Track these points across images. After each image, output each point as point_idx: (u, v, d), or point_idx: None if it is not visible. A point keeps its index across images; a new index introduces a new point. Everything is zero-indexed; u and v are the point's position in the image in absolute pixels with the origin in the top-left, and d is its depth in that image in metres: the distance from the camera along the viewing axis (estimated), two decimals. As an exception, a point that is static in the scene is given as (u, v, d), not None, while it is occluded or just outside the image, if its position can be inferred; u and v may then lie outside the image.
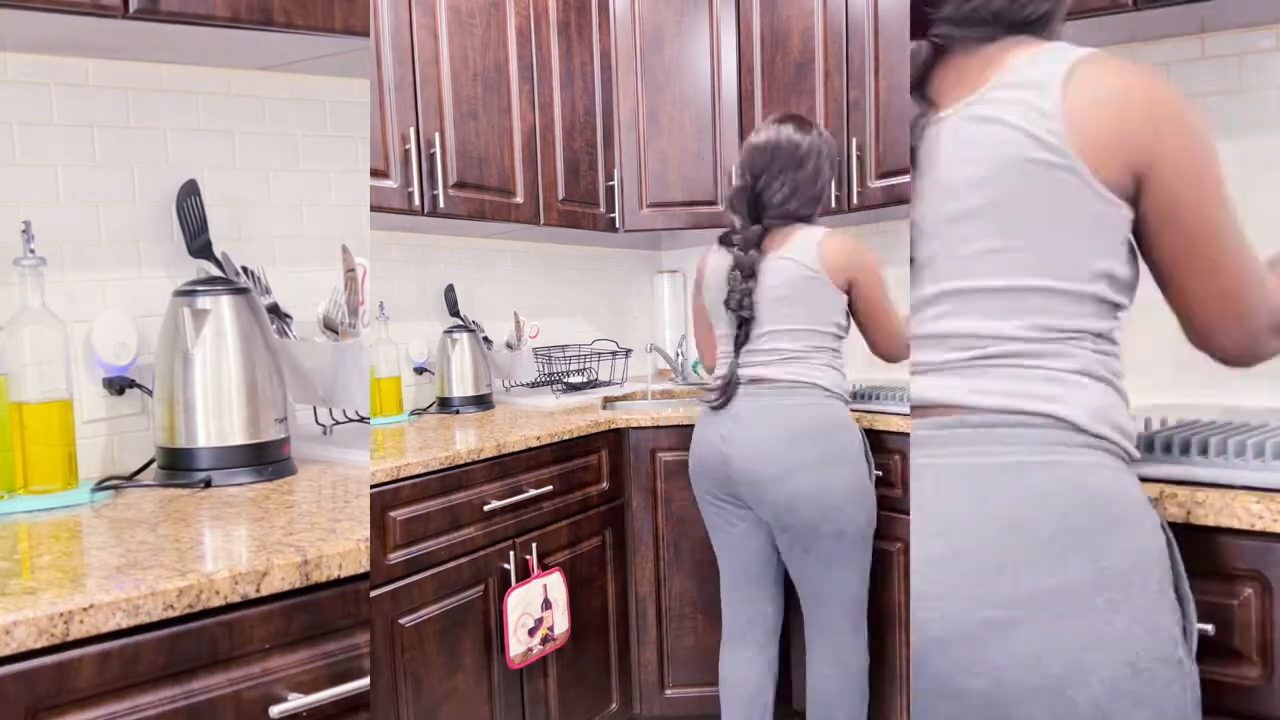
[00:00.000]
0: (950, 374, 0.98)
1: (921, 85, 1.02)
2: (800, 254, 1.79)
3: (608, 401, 2.60)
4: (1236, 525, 1.08)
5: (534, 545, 1.92)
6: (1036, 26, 1.09)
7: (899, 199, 2.31)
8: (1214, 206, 1.02)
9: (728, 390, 1.82)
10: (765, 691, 1.95)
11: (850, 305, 1.85)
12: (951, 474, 0.94)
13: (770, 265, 1.80)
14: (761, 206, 1.84)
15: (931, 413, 0.98)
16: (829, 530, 1.76)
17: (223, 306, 1.44)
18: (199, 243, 1.60)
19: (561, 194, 2.50)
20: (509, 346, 2.64)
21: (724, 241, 1.90)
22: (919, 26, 1.05)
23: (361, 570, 1.07)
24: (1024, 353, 0.97)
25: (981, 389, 0.96)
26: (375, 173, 1.96)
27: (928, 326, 1.00)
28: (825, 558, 1.79)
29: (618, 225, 2.70)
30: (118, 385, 1.55)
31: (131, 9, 1.29)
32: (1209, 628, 1.10)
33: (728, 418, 1.82)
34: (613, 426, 2.21)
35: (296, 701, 1.00)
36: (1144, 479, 1.20)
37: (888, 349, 1.90)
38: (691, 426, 2.26)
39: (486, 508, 1.80)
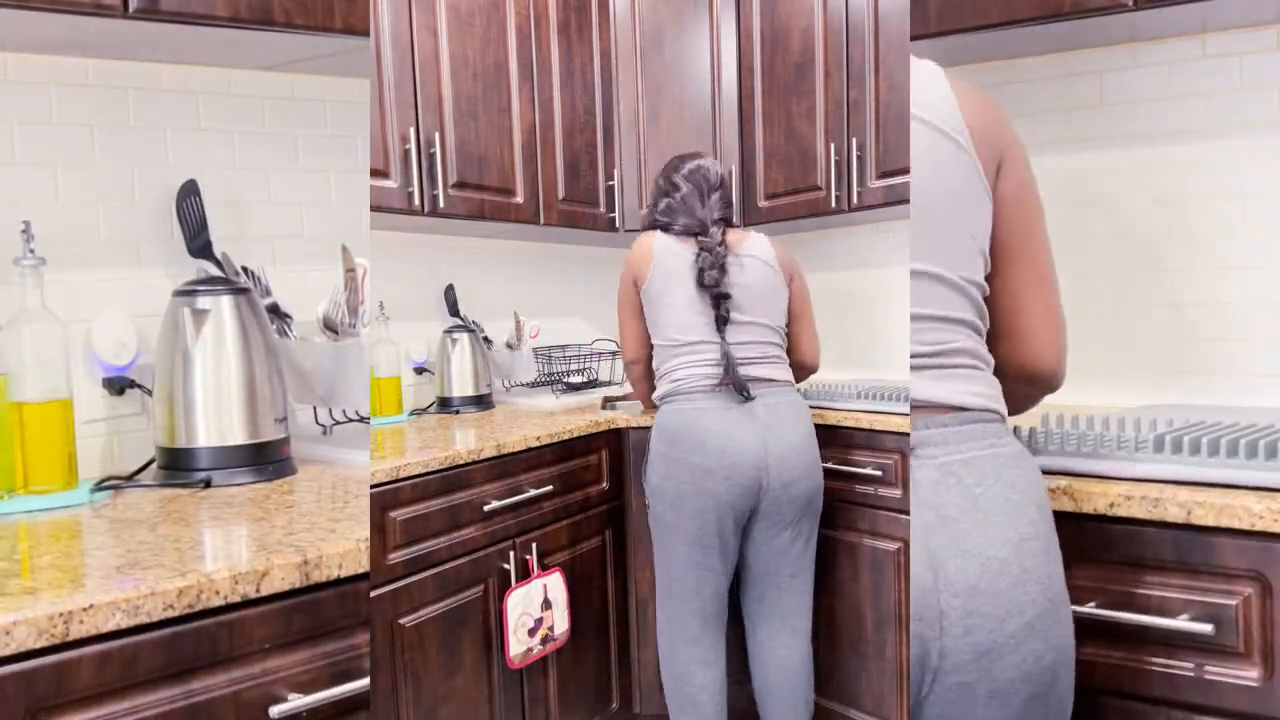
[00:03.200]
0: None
1: None
2: (763, 251, 1.98)
3: (608, 401, 2.60)
4: (1236, 525, 1.08)
5: (534, 545, 1.92)
6: None
7: (899, 199, 2.31)
8: (1037, 198, 1.12)
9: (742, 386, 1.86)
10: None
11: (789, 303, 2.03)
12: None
13: (741, 261, 1.94)
14: (723, 209, 2.00)
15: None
16: (815, 518, 1.96)
17: (223, 306, 1.44)
18: (199, 243, 1.60)
19: (561, 194, 2.50)
20: (509, 346, 2.64)
21: (675, 231, 1.97)
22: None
23: (361, 570, 1.07)
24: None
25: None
26: (375, 173, 1.96)
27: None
28: (807, 544, 1.95)
29: (618, 225, 2.70)
30: (117, 385, 1.55)
31: (131, 9, 1.29)
32: (1209, 628, 1.10)
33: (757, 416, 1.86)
34: (613, 426, 2.21)
35: (296, 701, 1.00)
36: (1144, 479, 1.20)
37: (813, 352, 2.12)
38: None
39: (486, 508, 1.80)
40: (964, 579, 0.90)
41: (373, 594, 1.56)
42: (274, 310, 1.73)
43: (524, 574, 1.89)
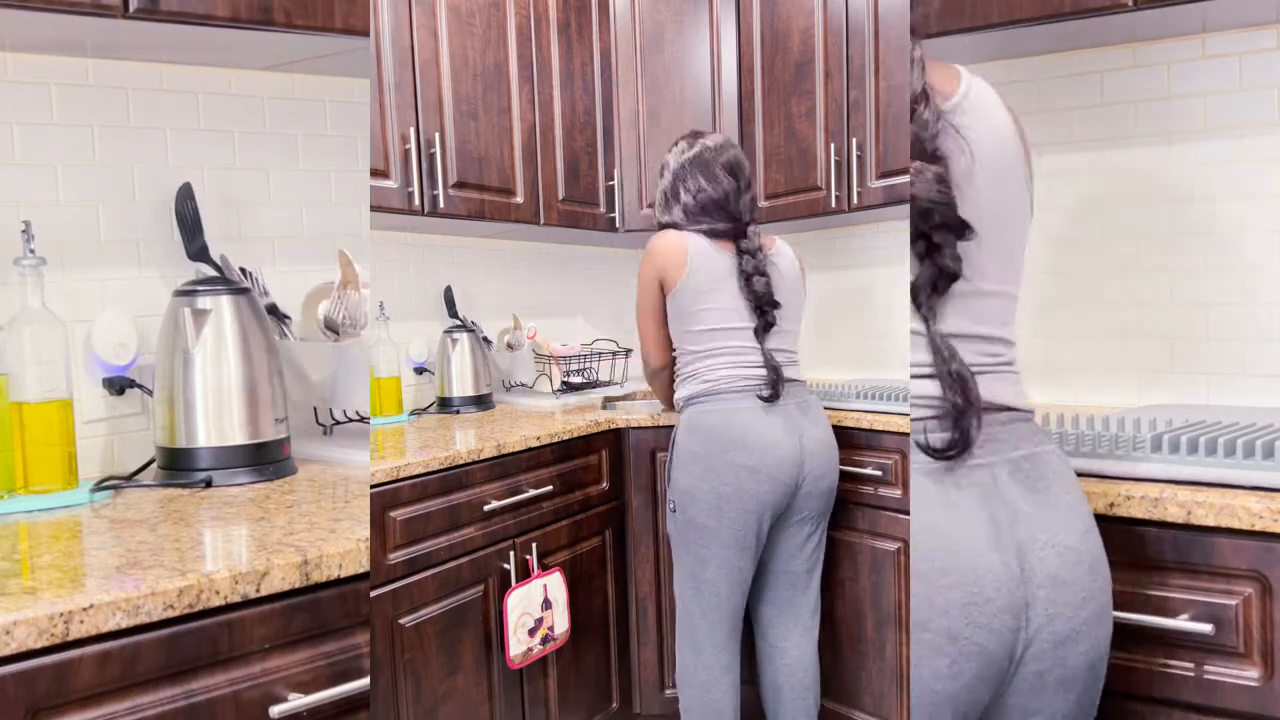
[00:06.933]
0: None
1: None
2: (789, 258, 1.98)
3: (608, 401, 2.60)
4: (1236, 525, 1.08)
5: (534, 545, 1.92)
6: None
7: (899, 199, 2.31)
8: None
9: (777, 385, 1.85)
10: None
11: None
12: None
13: (775, 264, 1.94)
14: (753, 208, 1.98)
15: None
16: (829, 514, 1.98)
17: (223, 306, 1.44)
18: (195, 246, 1.59)
19: (561, 194, 2.50)
20: (510, 347, 2.64)
21: (714, 235, 1.91)
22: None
23: (361, 570, 1.07)
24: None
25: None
26: (375, 173, 1.96)
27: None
28: (820, 540, 1.97)
29: (618, 225, 2.70)
30: (118, 385, 1.55)
31: (131, 9, 1.29)
32: (1209, 628, 1.10)
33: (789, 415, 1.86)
34: (613, 426, 2.21)
35: (296, 701, 1.00)
36: (1144, 479, 1.20)
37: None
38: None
39: (486, 508, 1.80)
40: (1045, 569, 0.94)
41: (373, 594, 1.56)
42: (273, 310, 1.73)
43: (524, 574, 1.89)
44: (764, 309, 1.87)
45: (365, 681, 1.07)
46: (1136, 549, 1.16)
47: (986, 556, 0.91)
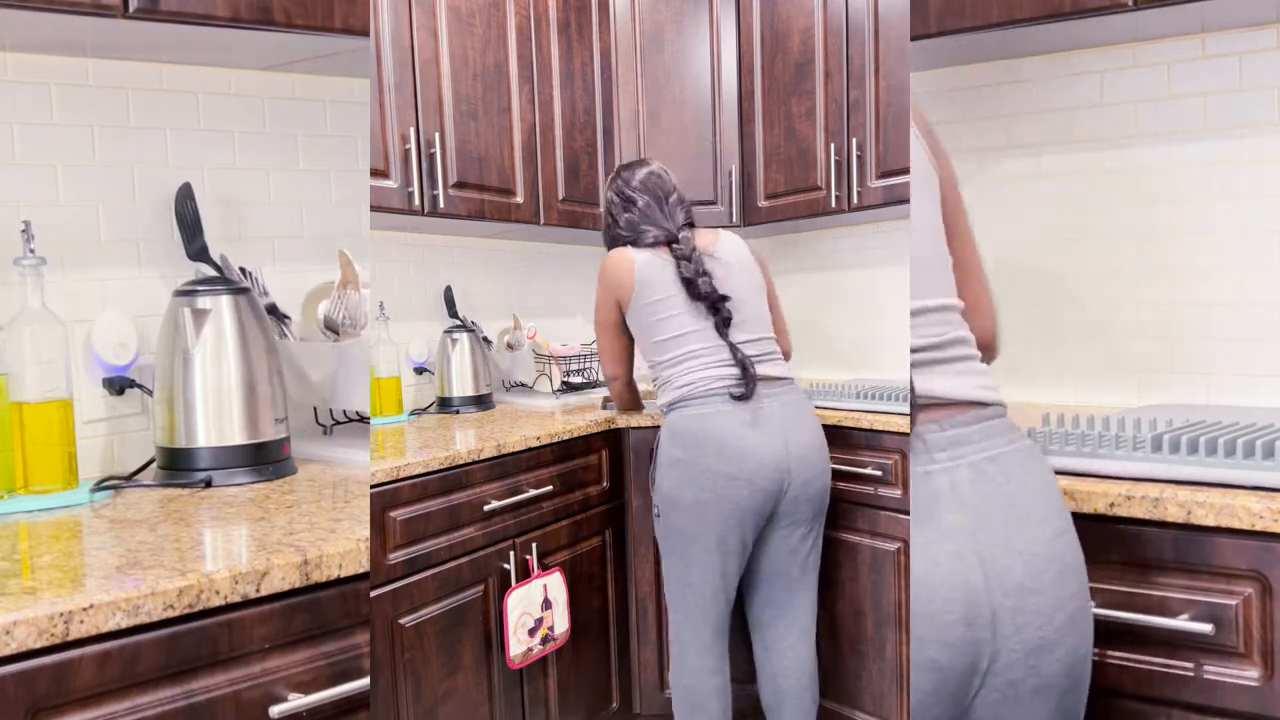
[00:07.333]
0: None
1: None
2: (732, 248, 1.99)
3: (607, 401, 2.60)
4: (1236, 525, 1.08)
5: (534, 545, 1.92)
6: None
7: (899, 199, 2.31)
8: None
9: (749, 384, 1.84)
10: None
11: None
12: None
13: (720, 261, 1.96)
14: (685, 215, 2.00)
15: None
16: (824, 515, 1.95)
17: (223, 306, 1.44)
18: (195, 247, 1.59)
19: (561, 193, 2.50)
20: (510, 347, 2.64)
21: (653, 246, 1.94)
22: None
23: (361, 570, 1.08)
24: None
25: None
26: (375, 173, 1.96)
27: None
28: (816, 541, 1.93)
29: (618, 225, 2.70)
30: (118, 385, 1.55)
31: (131, 9, 1.29)
32: (1209, 628, 1.10)
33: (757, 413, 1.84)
34: (612, 426, 2.21)
35: (296, 701, 1.00)
36: (1144, 479, 1.20)
37: (789, 341, 2.10)
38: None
39: (486, 508, 1.80)
40: (1012, 577, 0.91)
41: (373, 594, 1.56)
42: (272, 310, 1.73)
43: (524, 574, 1.89)
44: (717, 306, 1.87)
45: (365, 681, 1.07)
46: (1136, 549, 1.16)
47: (942, 567, 0.89)
